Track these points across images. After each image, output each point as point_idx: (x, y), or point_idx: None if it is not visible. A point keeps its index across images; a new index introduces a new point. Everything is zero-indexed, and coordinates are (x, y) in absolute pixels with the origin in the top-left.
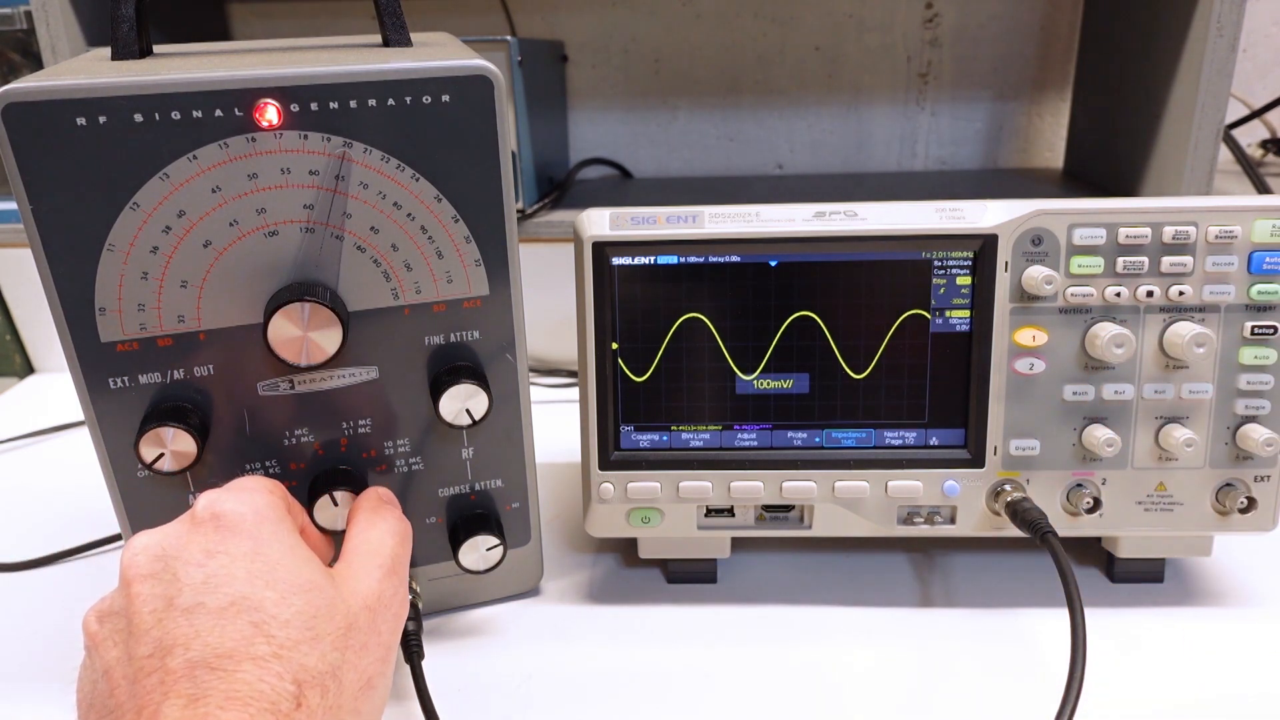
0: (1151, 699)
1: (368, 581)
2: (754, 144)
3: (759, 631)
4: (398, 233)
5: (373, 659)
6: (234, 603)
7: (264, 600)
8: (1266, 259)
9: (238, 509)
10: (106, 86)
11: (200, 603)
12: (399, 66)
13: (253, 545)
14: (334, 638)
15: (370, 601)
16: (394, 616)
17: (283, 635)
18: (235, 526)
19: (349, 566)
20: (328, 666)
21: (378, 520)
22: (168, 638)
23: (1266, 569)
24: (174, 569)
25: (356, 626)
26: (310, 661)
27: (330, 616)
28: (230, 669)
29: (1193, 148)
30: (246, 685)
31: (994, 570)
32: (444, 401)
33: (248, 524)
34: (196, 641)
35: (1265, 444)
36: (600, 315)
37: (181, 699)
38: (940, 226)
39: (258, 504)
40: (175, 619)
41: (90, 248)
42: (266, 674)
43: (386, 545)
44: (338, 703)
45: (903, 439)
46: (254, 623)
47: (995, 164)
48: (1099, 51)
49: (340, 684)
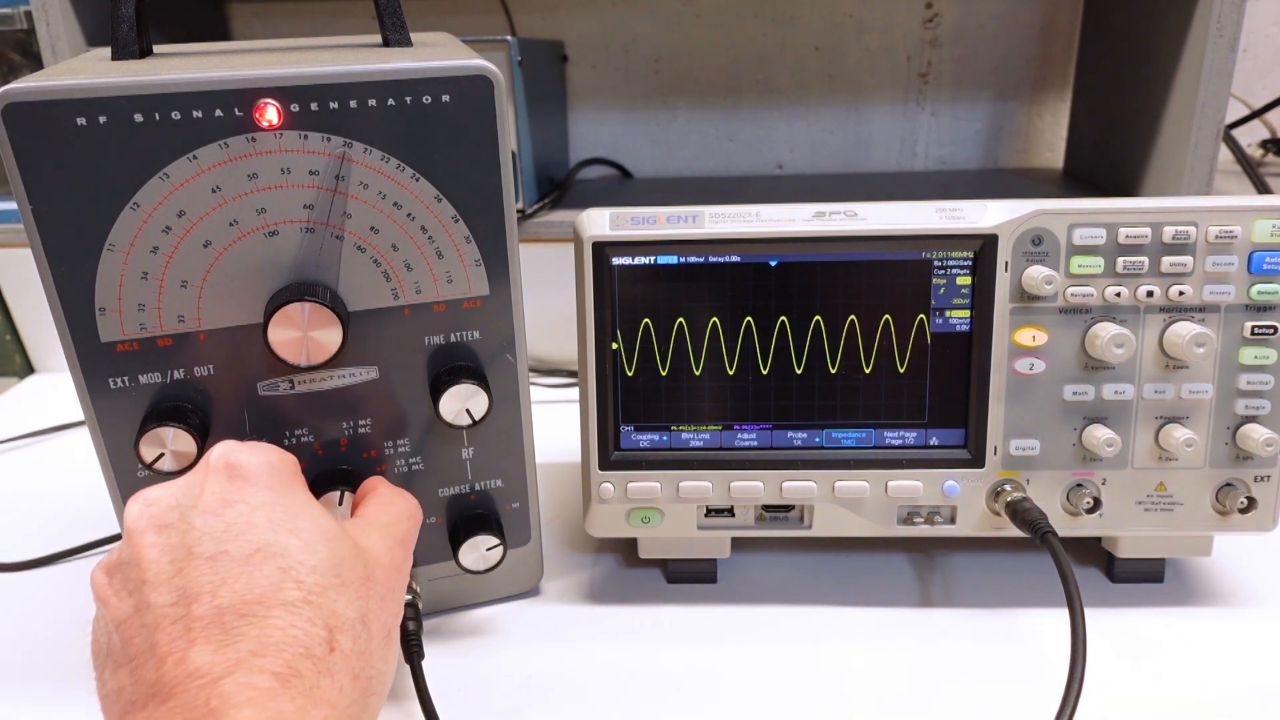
0: (1151, 699)
1: (381, 544)
2: (754, 144)
3: (759, 631)
4: (398, 233)
5: (390, 612)
6: (259, 549)
7: (289, 546)
8: (1266, 259)
9: (252, 460)
10: (106, 86)
11: (224, 550)
12: (399, 66)
13: (271, 495)
14: (358, 585)
15: (385, 562)
16: (403, 581)
17: (311, 580)
18: (251, 477)
19: (366, 527)
20: (356, 613)
21: (396, 498)
22: (191, 585)
23: (1266, 569)
24: (190, 518)
25: (375, 579)
26: (339, 607)
27: (354, 565)
28: (261, 614)
29: (1193, 148)
30: (279, 630)
31: (994, 570)
32: (444, 401)
33: (263, 475)
34: (224, 588)
35: (1265, 444)
36: (600, 315)
37: (211, 645)
38: (940, 226)
39: (271, 459)
40: (198, 566)
41: (90, 248)
42: (298, 619)
43: (402, 524)
44: (367, 648)
45: (903, 439)
46: (281, 568)
47: (995, 164)
48: (1099, 51)
49: (369, 630)
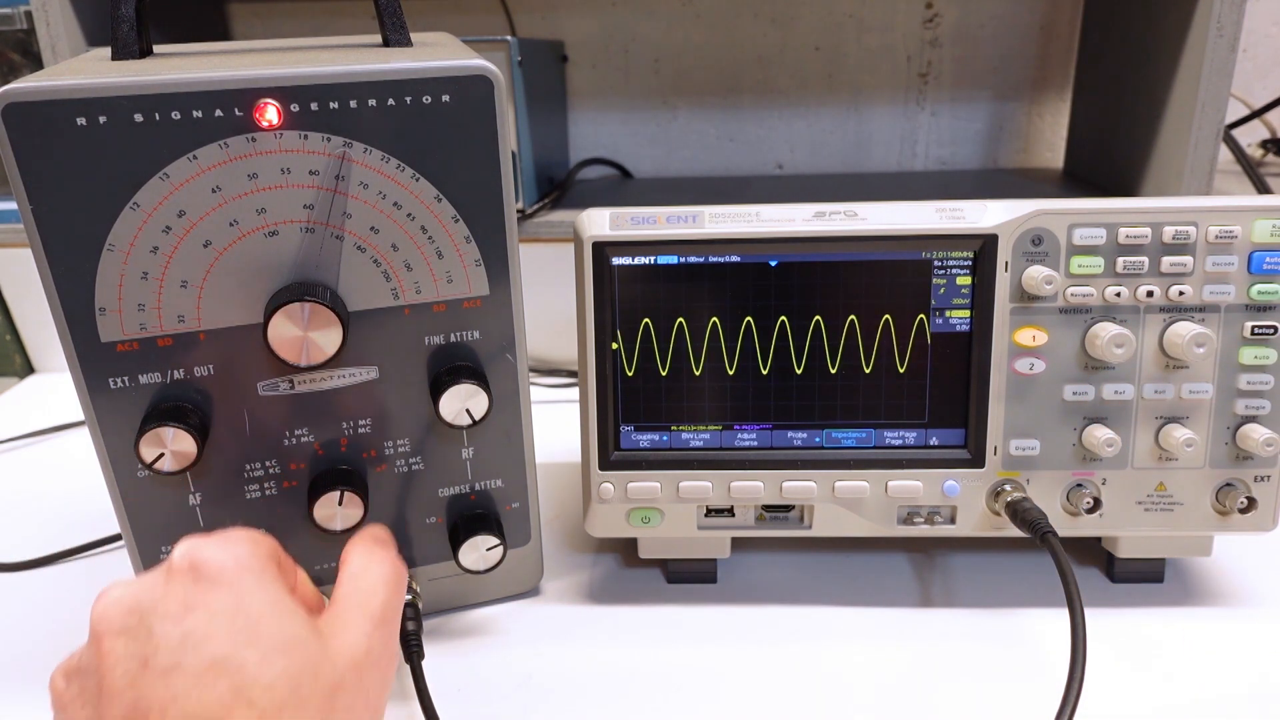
0: (1151, 699)
1: (356, 635)
2: (754, 144)
3: (759, 631)
4: (398, 233)
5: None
6: (214, 664)
7: (245, 661)
8: (1266, 259)
9: (217, 557)
10: (106, 86)
11: (177, 663)
12: (399, 66)
13: (234, 599)
14: (319, 700)
15: (358, 658)
16: (382, 675)
17: (266, 700)
18: (215, 577)
19: (337, 619)
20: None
21: (371, 565)
22: (143, 701)
23: (1266, 569)
24: (149, 624)
25: (344, 688)
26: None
27: (315, 678)
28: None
29: (1193, 148)
30: None
31: (994, 570)
32: (444, 401)
33: (228, 574)
34: (174, 707)
35: (1265, 444)
36: (600, 315)
37: None
38: (940, 226)
39: (239, 553)
40: (151, 681)
41: (90, 248)
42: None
43: (378, 595)
44: None
45: (903, 439)
46: (235, 686)
47: (995, 164)
48: (1099, 51)
49: None
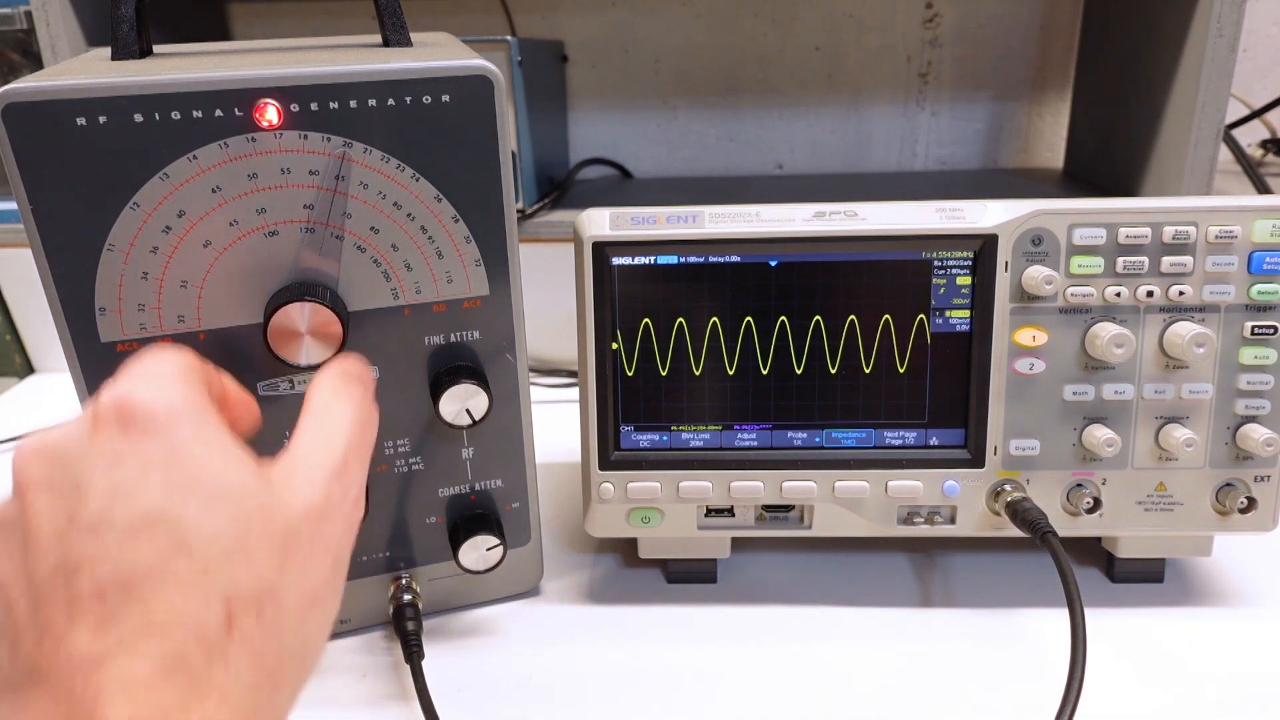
0: (1151, 699)
1: (311, 484)
2: (754, 144)
3: (759, 631)
4: (398, 233)
5: (319, 572)
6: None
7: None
8: (1266, 259)
9: (148, 404)
10: (106, 86)
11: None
12: (399, 66)
13: (168, 448)
14: (269, 551)
15: (315, 508)
16: (345, 521)
17: (207, 551)
18: (146, 425)
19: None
20: (264, 585)
21: (336, 403)
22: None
23: (1266, 569)
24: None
25: (298, 538)
26: (241, 579)
27: (265, 527)
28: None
29: (1193, 148)
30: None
31: (994, 570)
32: (444, 401)
33: (160, 420)
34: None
35: (1265, 444)
36: (600, 315)
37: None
38: (940, 226)
39: (171, 396)
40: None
41: (90, 248)
42: (189, 597)
43: (338, 439)
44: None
45: (903, 439)
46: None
47: (995, 164)
48: (1099, 51)
49: (279, 604)
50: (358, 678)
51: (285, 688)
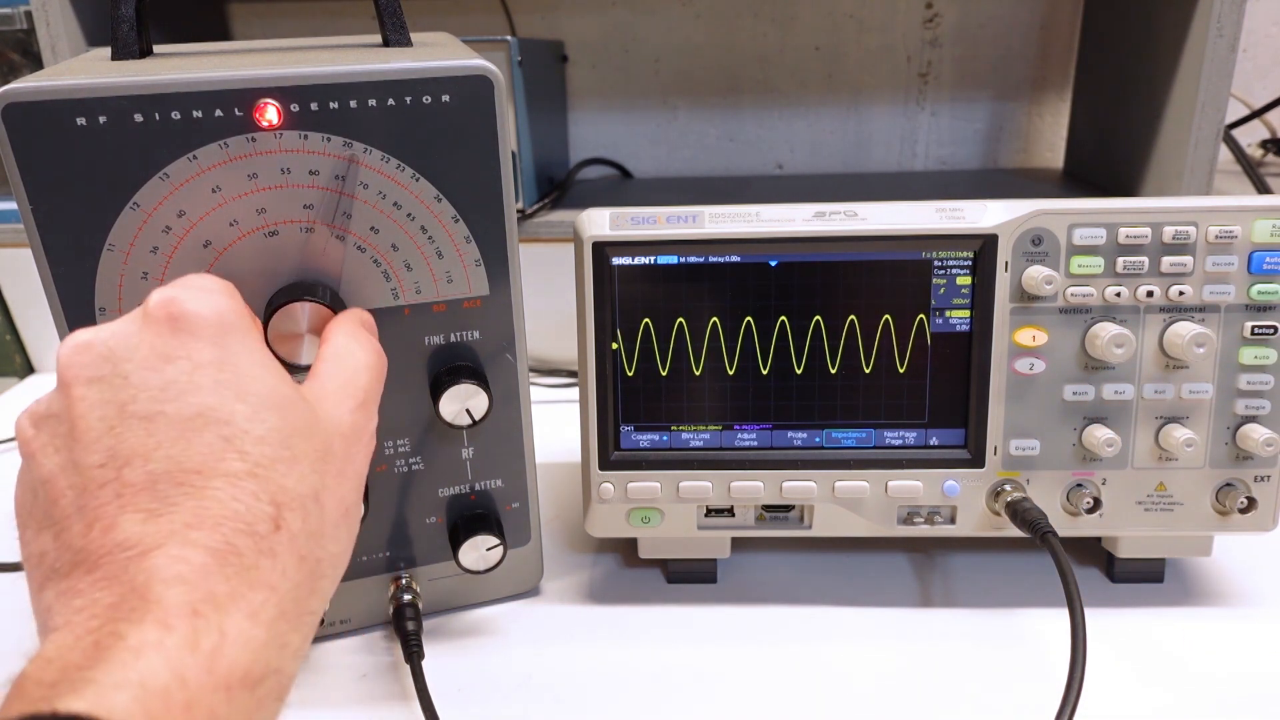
0: (1151, 699)
1: (341, 409)
2: (754, 144)
3: (759, 631)
4: (398, 233)
5: (349, 487)
6: (200, 414)
7: (235, 413)
8: (1266, 259)
9: (199, 310)
10: (106, 86)
11: (160, 411)
12: (399, 66)
13: (218, 353)
14: (312, 459)
15: (345, 429)
16: (366, 447)
17: (257, 452)
18: (196, 330)
19: (322, 390)
20: (308, 489)
21: (355, 346)
22: (123, 447)
23: (1266, 569)
24: (125, 372)
25: (333, 454)
26: (289, 482)
27: (308, 436)
28: (199, 485)
29: (1193, 148)
30: (218, 503)
31: (994, 570)
32: (444, 401)
33: (210, 328)
34: (159, 453)
35: (1265, 444)
36: (600, 315)
37: (141, 513)
38: (940, 226)
39: (220, 307)
40: (131, 427)
41: (90, 248)
42: (241, 492)
43: (361, 378)
44: (320, 528)
45: (903, 439)
46: (224, 436)
47: (995, 164)
48: (1099, 51)
49: (322, 509)
50: (358, 678)
51: (320, 592)
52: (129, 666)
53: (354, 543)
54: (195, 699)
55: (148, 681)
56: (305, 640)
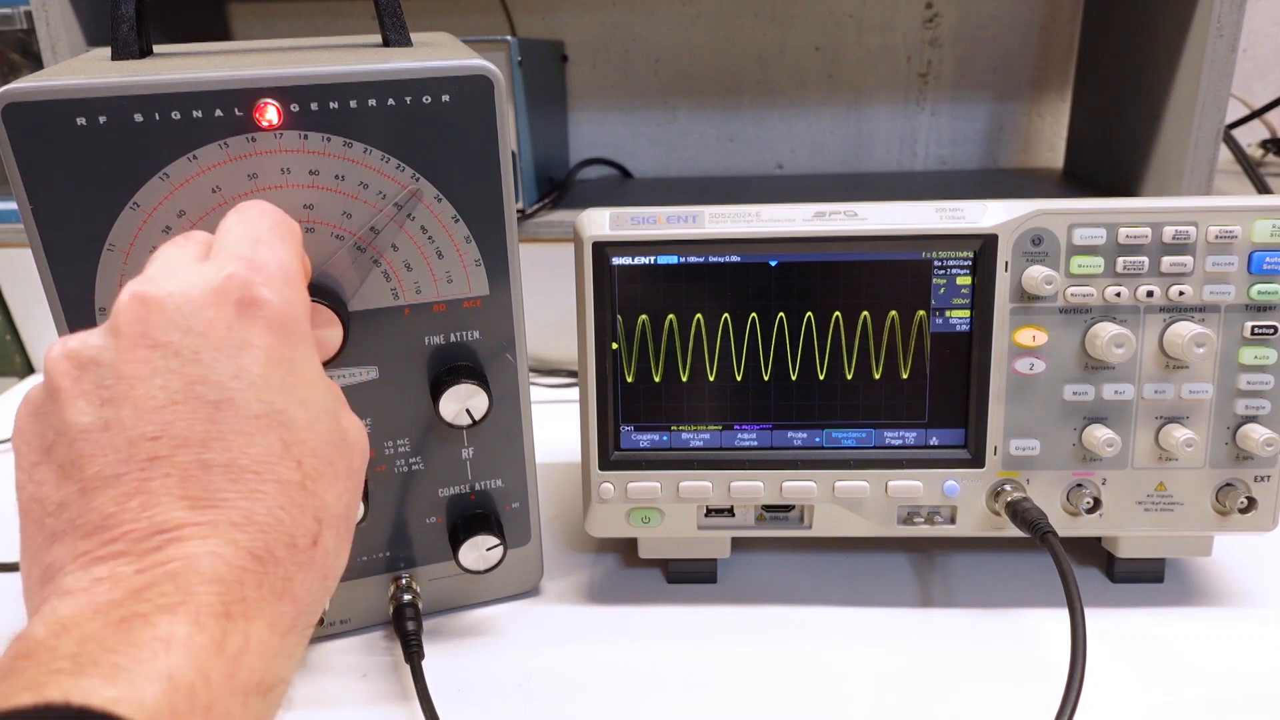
0: (1151, 699)
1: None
2: (754, 144)
3: (759, 631)
4: (398, 233)
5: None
6: (269, 413)
7: (296, 419)
8: (1266, 259)
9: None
10: (106, 86)
11: (229, 399)
12: (399, 66)
13: (286, 349)
14: (347, 477)
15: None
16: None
17: (310, 464)
18: (269, 321)
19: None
20: (344, 507)
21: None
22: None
23: (1266, 569)
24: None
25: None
26: (330, 499)
27: (345, 453)
28: (253, 486)
29: (1193, 148)
30: (267, 510)
31: (994, 570)
32: (444, 401)
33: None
34: (218, 444)
35: (1265, 444)
36: (600, 315)
37: (187, 500)
38: (940, 226)
39: (294, 302)
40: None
41: (90, 248)
42: (289, 503)
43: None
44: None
45: (903, 439)
46: (285, 441)
47: (995, 164)
48: (1099, 51)
49: (348, 529)
50: (358, 678)
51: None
52: (159, 659)
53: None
54: (216, 700)
55: (176, 677)
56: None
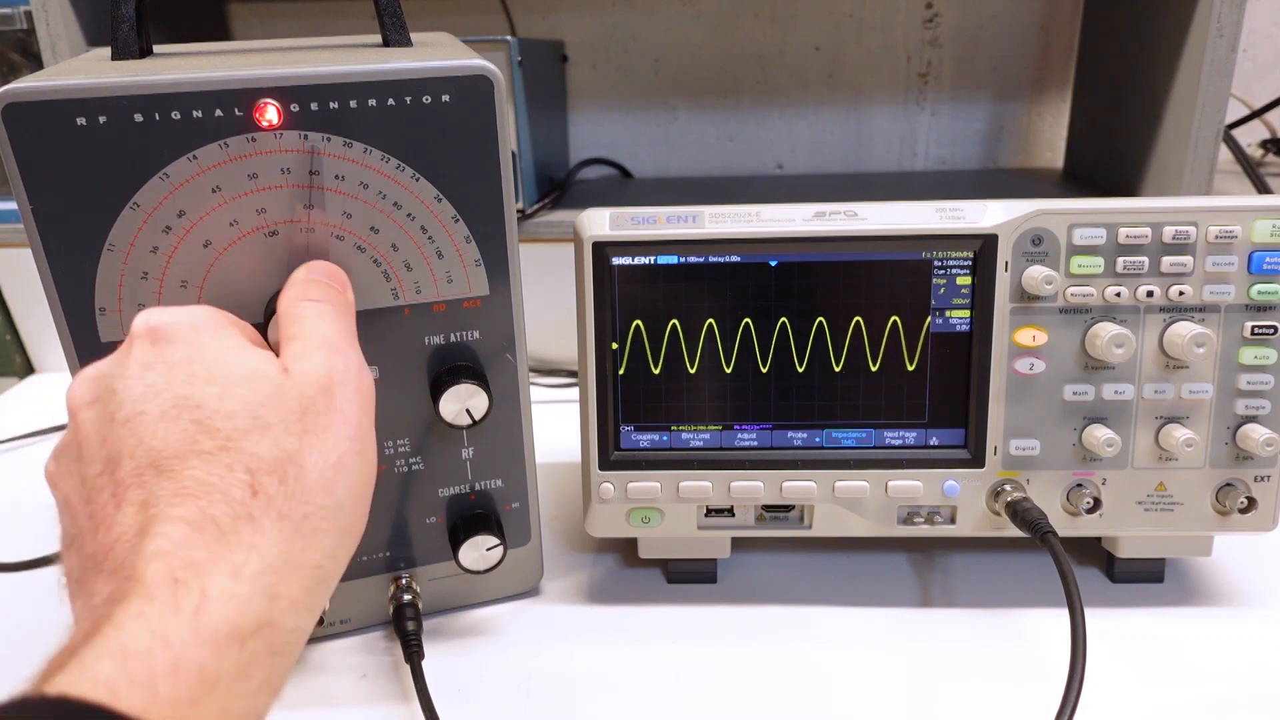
0: (1151, 699)
1: (310, 363)
2: (754, 144)
3: (759, 631)
4: (398, 233)
5: (339, 437)
6: (174, 405)
7: (205, 397)
8: (1266, 259)
9: (173, 319)
10: (106, 86)
11: (140, 411)
12: (399, 66)
13: (190, 350)
14: (286, 423)
15: (320, 381)
16: (355, 391)
17: (228, 427)
18: (171, 336)
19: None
20: (283, 453)
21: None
22: (113, 451)
23: (1266, 569)
24: (113, 387)
25: (313, 409)
26: (262, 450)
27: (281, 402)
28: (176, 468)
29: (1193, 148)
30: (195, 480)
31: (994, 570)
32: (444, 401)
33: (184, 331)
34: (140, 448)
35: (1265, 444)
36: (600, 315)
37: (133, 505)
38: (940, 226)
39: (195, 314)
40: (118, 432)
41: (90, 248)
42: (214, 466)
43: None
44: (301, 488)
45: (903, 439)
46: (196, 420)
47: (995, 164)
48: (1099, 51)
49: (302, 468)
50: (358, 678)
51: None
52: (110, 639)
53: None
54: (181, 656)
55: (129, 647)
56: (308, 594)
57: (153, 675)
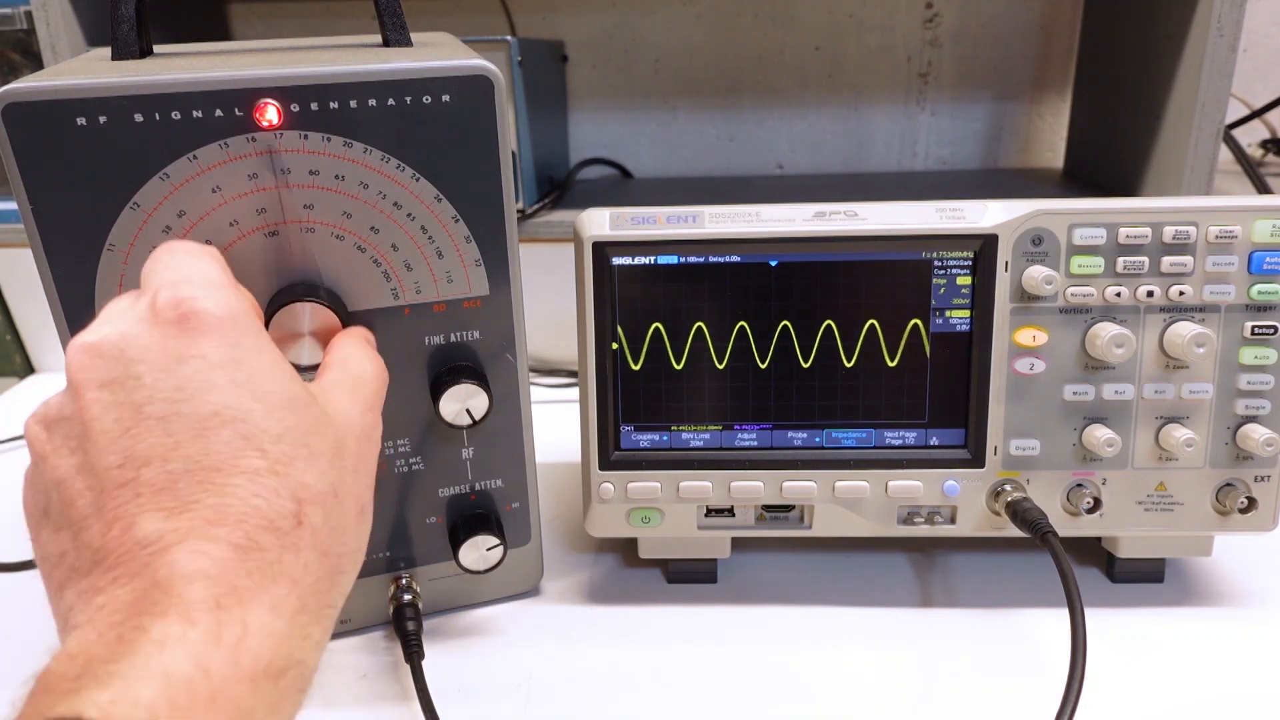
0: (1151, 699)
1: (352, 410)
2: (754, 144)
3: (759, 631)
4: (398, 233)
5: (363, 485)
6: (218, 413)
7: (252, 411)
8: (1266, 259)
9: (210, 308)
10: (106, 86)
11: (176, 411)
12: (399, 66)
13: (231, 352)
14: (329, 457)
15: (355, 429)
16: (375, 448)
17: (276, 450)
18: (208, 328)
19: (332, 391)
20: (327, 485)
21: (361, 356)
22: (140, 448)
23: (1266, 569)
24: (137, 373)
25: (347, 449)
26: (309, 478)
27: (323, 435)
28: (220, 482)
29: (1193, 148)
30: (240, 500)
31: (994, 570)
32: (444, 401)
33: (223, 326)
34: (177, 453)
35: (1265, 444)
36: (600, 315)
37: (162, 512)
38: (940, 226)
39: (231, 303)
40: (149, 428)
41: (90, 248)
42: (262, 489)
43: (368, 384)
44: (340, 523)
45: (903, 439)
46: (243, 434)
47: (995, 164)
48: (1099, 51)
49: (341, 505)
50: (358, 678)
51: (339, 587)
52: (153, 659)
53: (367, 540)
54: (220, 690)
55: (172, 673)
56: (326, 633)
57: (194, 706)
